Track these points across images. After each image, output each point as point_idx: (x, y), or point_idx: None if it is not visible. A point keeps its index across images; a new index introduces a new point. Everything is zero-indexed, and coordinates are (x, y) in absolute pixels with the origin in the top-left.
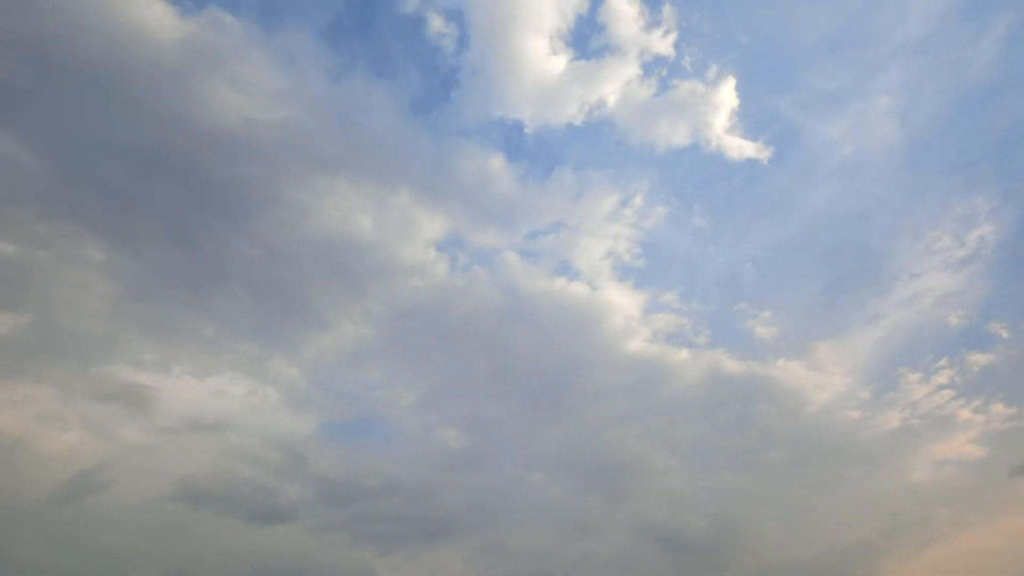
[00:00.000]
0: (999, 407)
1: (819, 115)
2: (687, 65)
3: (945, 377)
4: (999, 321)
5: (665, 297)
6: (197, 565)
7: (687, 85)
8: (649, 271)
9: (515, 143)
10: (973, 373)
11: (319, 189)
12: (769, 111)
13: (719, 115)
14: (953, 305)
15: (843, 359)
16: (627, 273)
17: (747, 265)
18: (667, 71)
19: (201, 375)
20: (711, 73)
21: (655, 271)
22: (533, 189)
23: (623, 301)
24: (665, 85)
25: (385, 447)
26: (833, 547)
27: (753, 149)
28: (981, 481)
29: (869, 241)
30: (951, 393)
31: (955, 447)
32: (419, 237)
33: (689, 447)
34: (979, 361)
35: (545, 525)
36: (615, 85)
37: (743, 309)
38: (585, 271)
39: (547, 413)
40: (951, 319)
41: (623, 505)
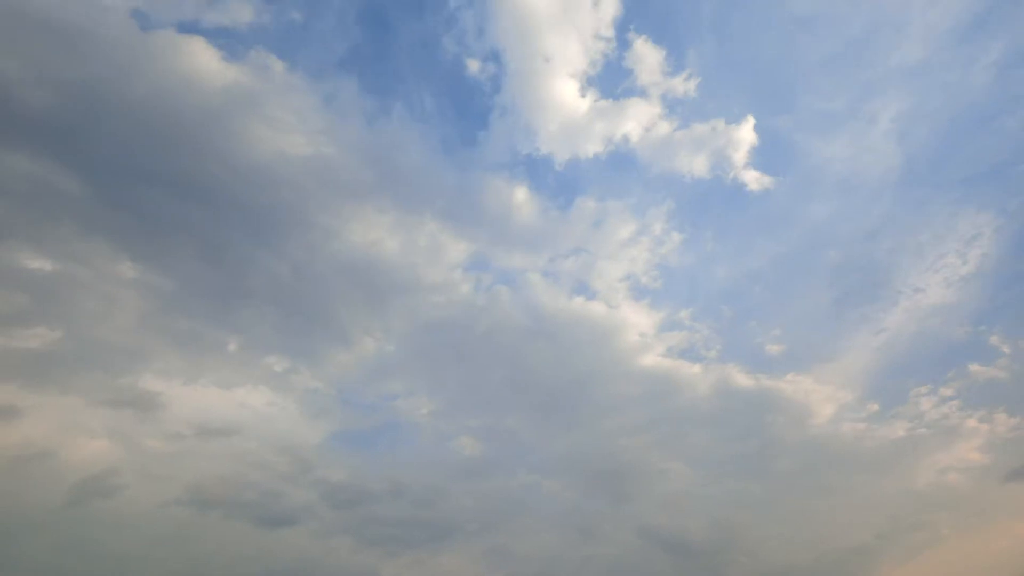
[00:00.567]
0: (1002, 417)
1: (821, 136)
2: (707, 104)
3: (951, 389)
4: (1001, 334)
5: (679, 315)
6: (203, 567)
7: (707, 123)
8: (664, 291)
9: (540, 176)
10: (977, 385)
11: (347, 215)
12: (784, 143)
13: (737, 150)
14: (956, 319)
15: (849, 372)
16: (643, 293)
17: (755, 283)
18: (688, 110)
19: (225, 386)
20: (730, 111)
21: (670, 291)
22: (555, 218)
23: (639, 319)
24: (686, 123)
25: (402, 454)
26: (833, 549)
27: (769, 181)
28: (979, 486)
29: (874, 257)
30: (957, 403)
31: (959, 455)
32: (444, 260)
33: (697, 455)
34: (982, 373)
35: (553, 529)
36: (638, 122)
37: (752, 325)
38: (603, 291)
39: (561, 422)
40: (954, 332)
41: (629, 509)
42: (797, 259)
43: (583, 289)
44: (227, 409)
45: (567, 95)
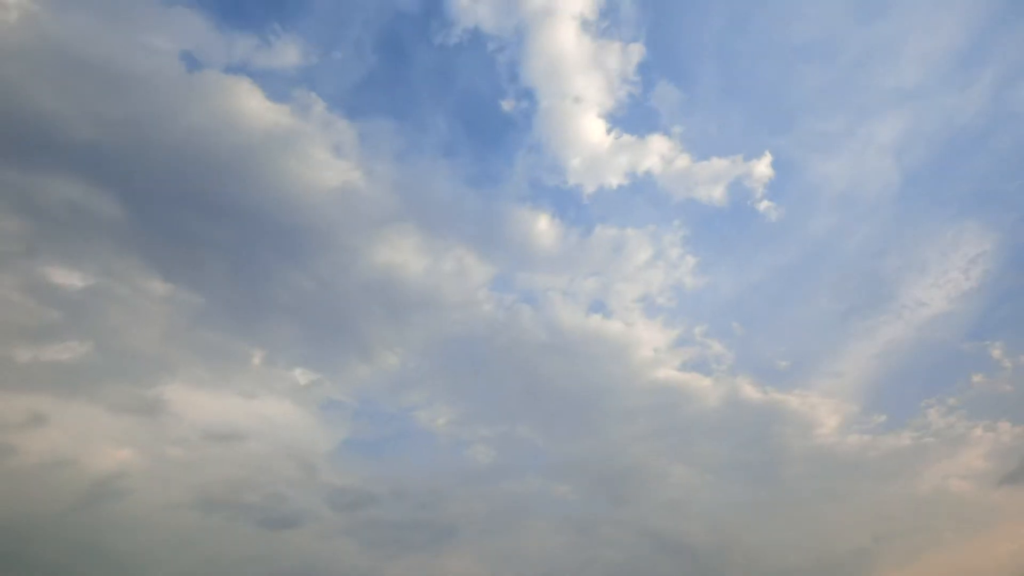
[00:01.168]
0: (1006, 426)
1: (822, 156)
2: (724, 139)
3: (955, 399)
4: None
5: (692, 332)
6: (208, 568)
7: (726, 158)
8: (678, 310)
9: (561, 205)
10: (982, 395)
11: (374, 238)
12: (788, 166)
13: (751, 181)
14: (958, 330)
15: (854, 383)
16: (658, 311)
17: (764, 299)
18: (706, 143)
19: (247, 396)
20: (745, 144)
21: (684, 308)
22: (575, 245)
23: (653, 335)
24: (704, 155)
25: (417, 461)
26: (833, 552)
27: (778, 206)
28: (981, 491)
29: (877, 272)
30: (962, 413)
31: (964, 463)
32: (469, 281)
33: (705, 463)
34: (986, 384)
35: (559, 532)
36: (659, 156)
37: (761, 340)
38: (619, 310)
39: (573, 430)
40: (957, 344)
41: (635, 513)
42: (802, 274)
43: (600, 307)
44: (247, 418)
45: (594, 132)
